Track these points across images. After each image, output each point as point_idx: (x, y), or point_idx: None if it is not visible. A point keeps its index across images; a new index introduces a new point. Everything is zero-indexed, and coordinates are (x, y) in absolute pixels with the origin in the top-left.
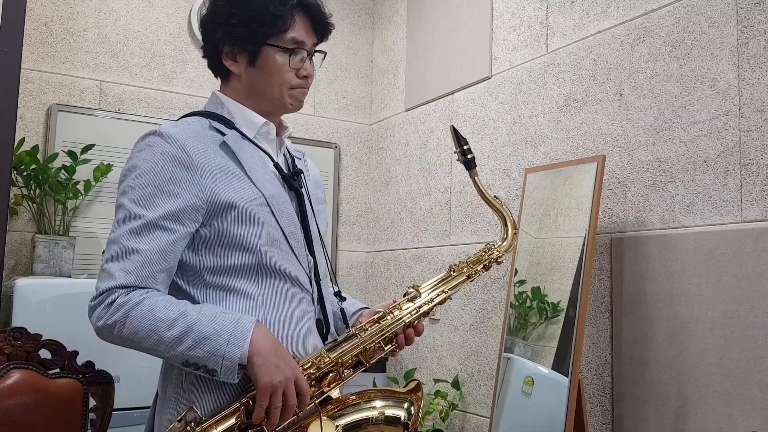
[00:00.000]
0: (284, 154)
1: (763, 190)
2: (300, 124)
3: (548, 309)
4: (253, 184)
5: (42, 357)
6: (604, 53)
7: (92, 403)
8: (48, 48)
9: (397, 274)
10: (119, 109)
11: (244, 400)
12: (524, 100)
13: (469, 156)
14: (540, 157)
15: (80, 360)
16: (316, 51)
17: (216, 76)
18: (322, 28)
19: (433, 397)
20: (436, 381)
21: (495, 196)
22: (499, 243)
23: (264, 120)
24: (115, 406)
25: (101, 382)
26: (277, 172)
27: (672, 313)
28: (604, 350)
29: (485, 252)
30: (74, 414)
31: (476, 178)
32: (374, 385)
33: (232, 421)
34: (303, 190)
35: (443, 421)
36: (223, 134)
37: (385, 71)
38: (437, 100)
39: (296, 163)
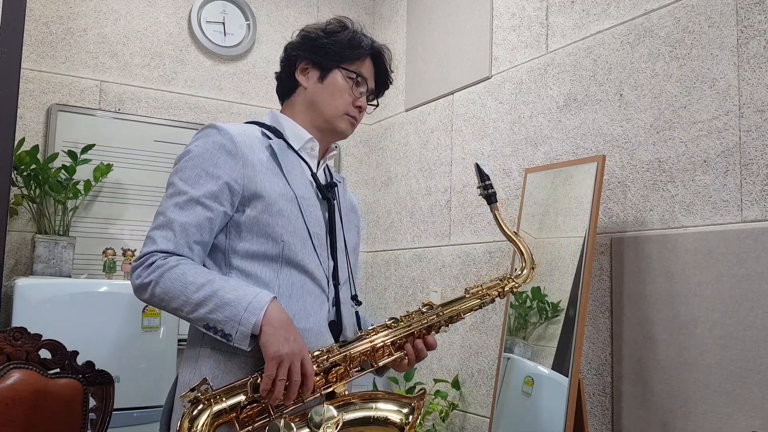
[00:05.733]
0: (324, 171)
1: (763, 190)
2: None
3: (548, 309)
4: (288, 183)
5: (42, 357)
6: (604, 53)
7: (92, 403)
8: (48, 48)
9: (397, 274)
10: (119, 109)
11: (254, 375)
12: (524, 100)
13: (490, 191)
14: (540, 157)
15: (80, 360)
16: (373, 97)
17: (281, 97)
18: (383, 78)
19: (433, 397)
20: (436, 381)
21: (515, 232)
22: (518, 272)
23: (310, 135)
24: (115, 406)
25: (101, 382)
26: (313, 181)
27: (672, 313)
28: (604, 350)
29: (501, 281)
30: (74, 414)
31: (496, 212)
32: (374, 385)
33: (241, 396)
34: (335, 201)
35: (443, 421)
36: (271, 140)
37: None
38: (437, 100)
39: (335, 181)
